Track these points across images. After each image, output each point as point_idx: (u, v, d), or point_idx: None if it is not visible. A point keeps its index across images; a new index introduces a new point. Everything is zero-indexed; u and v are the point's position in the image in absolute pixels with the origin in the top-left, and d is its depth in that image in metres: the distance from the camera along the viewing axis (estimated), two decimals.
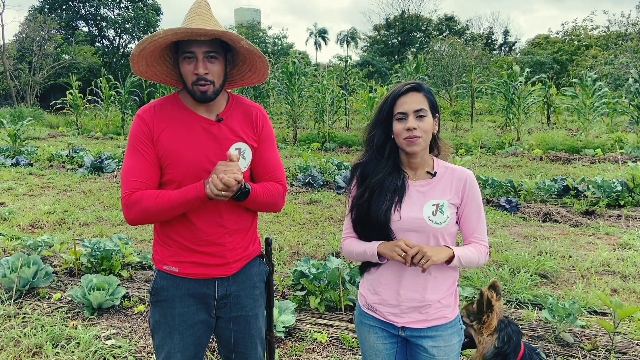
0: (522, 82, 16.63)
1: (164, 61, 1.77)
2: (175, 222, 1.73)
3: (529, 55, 40.49)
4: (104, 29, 41.60)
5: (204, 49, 1.63)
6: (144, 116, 1.71)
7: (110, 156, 11.38)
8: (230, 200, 1.69)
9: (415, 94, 1.69)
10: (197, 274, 1.74)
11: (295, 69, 17.08)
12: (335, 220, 6.71)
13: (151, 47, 1.63)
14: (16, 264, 4.01)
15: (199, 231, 1.71)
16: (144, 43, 1.61)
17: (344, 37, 64.76)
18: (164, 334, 1.78)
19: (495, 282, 2.31)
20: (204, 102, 1.70)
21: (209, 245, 1.73)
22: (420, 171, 1.76)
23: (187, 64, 1.65)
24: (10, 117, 19.69)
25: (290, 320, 3.37)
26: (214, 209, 1.72)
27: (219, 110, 1.76)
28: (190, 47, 1.63)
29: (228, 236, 1.75)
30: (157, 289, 1.78)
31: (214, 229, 1.72)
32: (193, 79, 1.65)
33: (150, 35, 1.59)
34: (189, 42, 1.63)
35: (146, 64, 1.72)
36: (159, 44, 1.62)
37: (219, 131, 1.72)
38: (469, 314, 2.32)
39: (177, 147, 1.68)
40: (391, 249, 1.65)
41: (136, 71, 1.73)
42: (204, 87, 1.65)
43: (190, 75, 1.65)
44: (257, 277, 1.88)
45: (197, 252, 1.73)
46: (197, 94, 1.67)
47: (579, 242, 5.62)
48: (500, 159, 12.21)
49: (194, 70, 1.64)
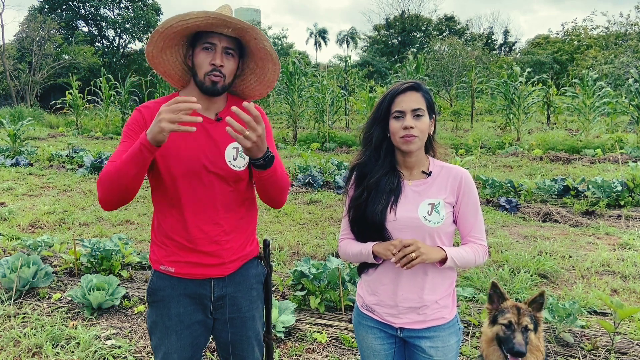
0: (522, 82, 16.64)
1: (176, 52, 1.77)
2: (171, 221, 1.73)
3: (529, 55, 40.51)
4: (104, 29, 41.61)
5: (224, 44, 1.66)
6: (143, 111, 1.73)
7: (110, 156, 11.37)
8: (226, 197, 1.70)
9: (413, 93, 1.69)
10: (193, 274, 1.74)
11: (295, 69, 17.09)
12: (335, 220, 6.71)
13: (178, 27, 1.63)
14: (16, 264, 4.01)
15: (196, 229, 1.71)
16: (173, 21, 1.61)
17: (343, 37, 64.79)
18: (161, 334, 1.78)
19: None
20: (211, 95, 1.71)
21: (205, 244, 1.72)
22: (416, 171, 1.76)
23: (204, 54, 1.66)
24: (10, 117, 19.70)
25: (290, 320, 3.37)
26: (211, 206, 1.71)
27: (219, 110, 1.76)
28: (212, 38, 1.65)
29: (224, 235, 1.74)
30: (153, 289, 1.78)
31: (210, 226, 1.72)
32: (208, 69, 1.66)
33: (181, 14, 1.58)
34: (211, 34, 1.65)
35: (161, 48, 1.71)
36: (187, 24, 1.61)
37: (217, 130, 1.72)
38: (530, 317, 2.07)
39: (174, 143, 1.68)
40: (385, 247, 1.65)
41: (148, 52, 1.72)
42: (216, 77, 1.66)
43: (206, 65, 1.66)
44: (255, 278, 1.86)
45: (194, 251, 1.72)
46: (206, 85, 1.67)
47: (579, 242, 5.62)
48: (500, 159, 12.21)
49: (212, 60, 1.65)
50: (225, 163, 1.71)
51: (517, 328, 2.03)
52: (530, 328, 2.04)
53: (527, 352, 1.99)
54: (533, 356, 2.05)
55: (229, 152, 1.72)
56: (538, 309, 2.09)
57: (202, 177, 1.69)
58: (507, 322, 2.05)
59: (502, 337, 2.07)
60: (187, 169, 1.68)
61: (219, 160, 1.70)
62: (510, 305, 2.09)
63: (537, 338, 2.07)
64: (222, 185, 1.72)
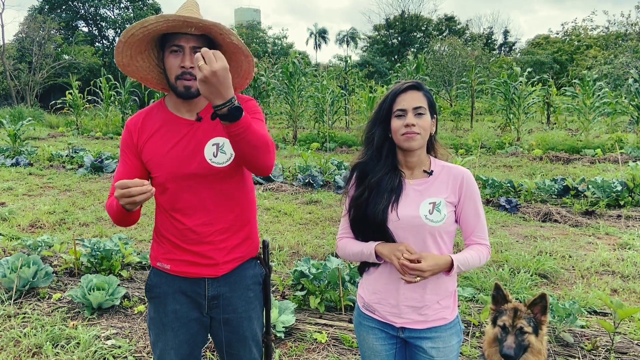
0: (522, 82, 16.63)
1: (147, 57, 1.75)
2: (165, 221, 1.75)
3: (529, 55, 40.49)
4: (104, 29, 41.64)
5: (192, 44, 1.62)
6: (130, 125, 1.77)
7: (110, 156, 11.38)
8: (216, 196, 1.70)
9: (414, 92, 1.70)
10: (187, 273, 1.75)
11: (295, 69, 17.07)
12: (335, 220, 6.70)
13: (140, 34, 1.60)
14: (16, 264, 4.01)
15: (187, 230, 1.71)
16: (133, 29, 1.58)
17: (343, 37, 64.79)
18: (157, 330, 1.79)
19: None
20: (187, 98, 1.68)
21: (197, 244, 1.72)
22: (417, 170, 1.76)
23: (173, 57, 1.63)
24: (10, 117, 19.68)
25: (290, 320, 3.37)
26: (202, 207, 1.71)
27: (199, 110, 1.74)
28: (178, 40, 1.62)
29: (218, 234, 1.73)
30: (150, 285, 1.81)
31: (201, 228, 1.71)
32: (178, 73, 1.63)
33: (140, 21, 1.56)
34: (177, 35, 1.62)
35: (130, 56, 1.69)
36: (148, 31, 1.59)
37: (199, 130, 1.71)
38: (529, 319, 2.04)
39: (158, 152, 1.70)
40: (390, 251, 1.64)
41: (119, 62, 1.70)
42: (188, 81, 1.63)
43: (175, 69, 1.63)
44: (252, 279, 1.84)
45: (187, 250, 1.73)
46: (179, 89, 1.65)
47: (579, 242, 5.62)
48: (500, 159, 12.21)
49: (180, 63, 1.62)
50: (205, 161, 1.68)
51: (510, 331, 2.02)
52: (527, 331, 2.01)
53: (517, 355, 1.96)
54: (535, 358, 2.04)
55: (209, 150, 1.69)
56: (542, 311, 2.06)
57: (187, 181, 1.69)
58: (502, 324, 2.04)
59: (499, 339, 2.06)
60: (171, 175, 1.69)
61: (200, 160, 1.68)
62: (509, 307, 2.08)
63: (539, 341, 2.04)
64: (208, 185, 1.70)
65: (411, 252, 1.61)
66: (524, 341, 2.01)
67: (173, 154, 1.69)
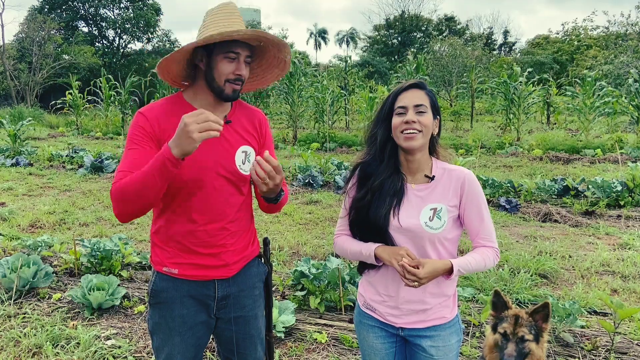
0: (522, 82, 16.63)
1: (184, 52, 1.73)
2: (177, 225, 1.71)
3: (529, 55, 40.49)
4: (104, 29, 41.64)
5: (247, 53, 1.69)
6: (147, 114, 1.67)
7: (110, 156, 11.38)
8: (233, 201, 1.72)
9: (417, 91, 1.69)
10: (196, 276, 1.73)
11: (295, 69, 17.07)
12: (335, 220, 6.70)
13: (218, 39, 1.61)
14: (16, 264, 4.01)
15: (204, 233, 1.70)
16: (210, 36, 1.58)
17: (343, 37, 64.80)
18: (164, 335, 1.77)
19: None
20: (228, 100, 1.73)
21: (210, 247, 1.72)
22: (419, 174, 1.73)
23: (227, 63, 1.65)
24: (10, 117, 19.70)
25: (290, 320, 3.37)
26: (220, 211, 1.71)
27: (226, 112, 1.76)
28: (236, 48, 1.65)
29: (230, 238, 1.75)
30: (156, 290, 1.76)
31: (217, 231, 1.72)
32: (231, 78, 1.67)
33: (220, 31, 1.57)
34: (234, 43, 1.65)
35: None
36: (223, 38, 1.61)
37: (228, 133, 1.72)
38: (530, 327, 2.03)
39: None
40: (391, 255, 1.63)
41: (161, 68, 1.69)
42: (238, 86, 1.69)
43: (229, 74, 1.66)
44: (257, 277, 1.87)
45: (198, 253, 1.72)
46: (226, 91, 1.68)
47: (579, 242, 5.62)
48: (500, 159, 12.21)
49: (236, 70, 1.66)
50: (235, 166, 1.71)
51: (511, 338, 2.00)
52: (528, 339, 1.99)
53: None
54: None
55: (239, 156, 1.73)
56: (544, 319, 2.04)
57: (213, 182, 1.68)
58: (503, 332, 2.03)
59: (499, 346, 2.05)
60: (200, 174, 1.66)
61: (230, 164, 1.71)
62: (510, 314, 2.06)
63: (540, 348, 2.02)
64: (230, 189, 1.73)
65: (411, 257, 1.60)
66: (525, 349, 2.00)
67: (205, 155, 1.66)
